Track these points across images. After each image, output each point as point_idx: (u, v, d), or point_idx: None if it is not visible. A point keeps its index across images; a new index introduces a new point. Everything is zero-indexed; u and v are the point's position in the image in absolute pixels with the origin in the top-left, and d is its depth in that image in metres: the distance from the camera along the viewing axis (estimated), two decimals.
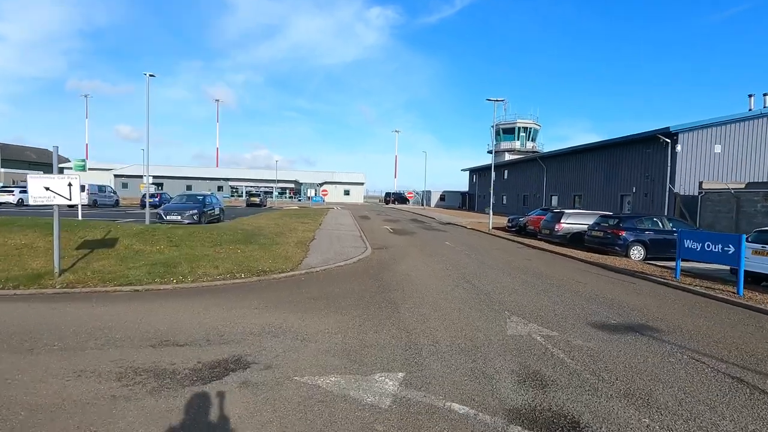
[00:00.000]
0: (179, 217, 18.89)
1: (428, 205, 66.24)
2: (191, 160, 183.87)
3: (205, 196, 22.14)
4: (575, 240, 17.07)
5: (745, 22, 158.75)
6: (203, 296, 7.53)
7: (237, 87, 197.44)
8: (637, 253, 13.97)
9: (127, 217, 22.68)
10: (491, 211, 24.38)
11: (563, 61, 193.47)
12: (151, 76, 17.96)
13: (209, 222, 20.68)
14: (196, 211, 19.52)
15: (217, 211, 22.19)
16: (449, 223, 29.94)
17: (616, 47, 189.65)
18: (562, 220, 17.37)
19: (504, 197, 49.81)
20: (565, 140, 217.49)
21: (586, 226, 17.04)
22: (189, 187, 65.54)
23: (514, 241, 19.22)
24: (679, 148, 24.99)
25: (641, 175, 27.63)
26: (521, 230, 23.06)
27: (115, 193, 38.03)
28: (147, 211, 18.33)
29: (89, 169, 70.94)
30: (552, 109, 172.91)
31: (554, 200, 38.00)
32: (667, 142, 25.09)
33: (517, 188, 46.39)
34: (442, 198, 70.41)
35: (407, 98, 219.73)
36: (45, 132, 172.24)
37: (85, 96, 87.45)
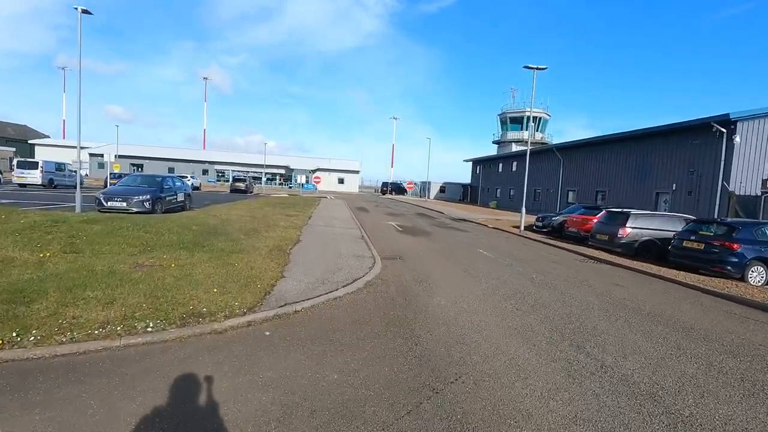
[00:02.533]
0: (124, 204, 14.38)
1: (428, 196, 61.95)
2: (184, 142, 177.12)
3: (164, 177, 17.56)
4: (644, 250, 12.97)
5: (750, 18, 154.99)
6: (19, 402, 3.18)
7: (232, 70, 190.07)
8: (757, 275, 9.80)
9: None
10: (524, 208, 20.15)
11: (565, 51, 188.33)
12: (84, 12, 13.26)
13: (168, 210, 16.21)
14: (148, 196, 14.98)
15: (180, 198, 17.67)
16: (462, 219, 25.71)
17: (621, 40, 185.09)
18: (627, 224, 13.16)
19: (511, 190, 45.75)
20: (564, 135, 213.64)
21: (661, 232, 12.95)
22: (171, 170, 60.68)
23: (562, 248, 14.80)
24: (738, 138, 21.06)
25: (684, 171, 23.67)
26: (555, 231, 18.98)
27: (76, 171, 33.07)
28: (78, 194, 13.81)
29: (60, 146, 65.65)
30: (553, 102, 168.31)
31: (571, 196, 34.13)
32: (722, 132, 21.14)
33: (527, 182, 42.17)
34: (442, 190, 66.21)
35: (405, 88, 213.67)
36: (31, 108, 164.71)
37: (63, 68, 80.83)
